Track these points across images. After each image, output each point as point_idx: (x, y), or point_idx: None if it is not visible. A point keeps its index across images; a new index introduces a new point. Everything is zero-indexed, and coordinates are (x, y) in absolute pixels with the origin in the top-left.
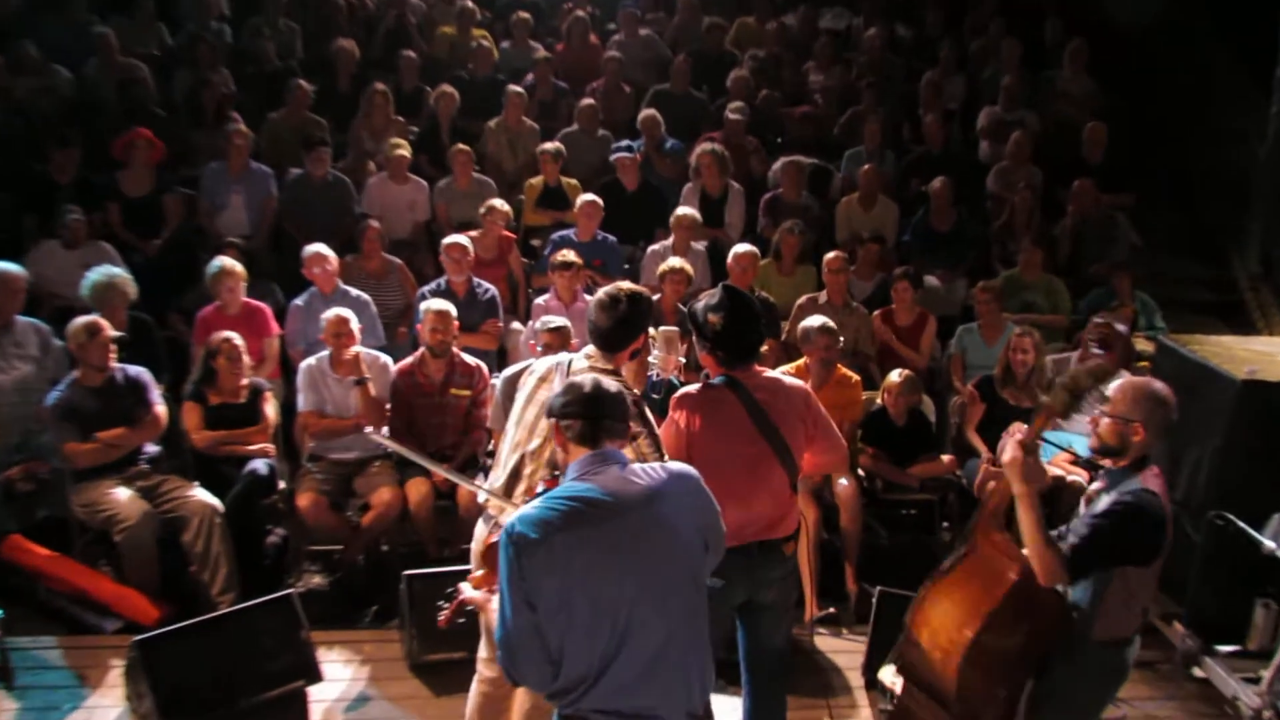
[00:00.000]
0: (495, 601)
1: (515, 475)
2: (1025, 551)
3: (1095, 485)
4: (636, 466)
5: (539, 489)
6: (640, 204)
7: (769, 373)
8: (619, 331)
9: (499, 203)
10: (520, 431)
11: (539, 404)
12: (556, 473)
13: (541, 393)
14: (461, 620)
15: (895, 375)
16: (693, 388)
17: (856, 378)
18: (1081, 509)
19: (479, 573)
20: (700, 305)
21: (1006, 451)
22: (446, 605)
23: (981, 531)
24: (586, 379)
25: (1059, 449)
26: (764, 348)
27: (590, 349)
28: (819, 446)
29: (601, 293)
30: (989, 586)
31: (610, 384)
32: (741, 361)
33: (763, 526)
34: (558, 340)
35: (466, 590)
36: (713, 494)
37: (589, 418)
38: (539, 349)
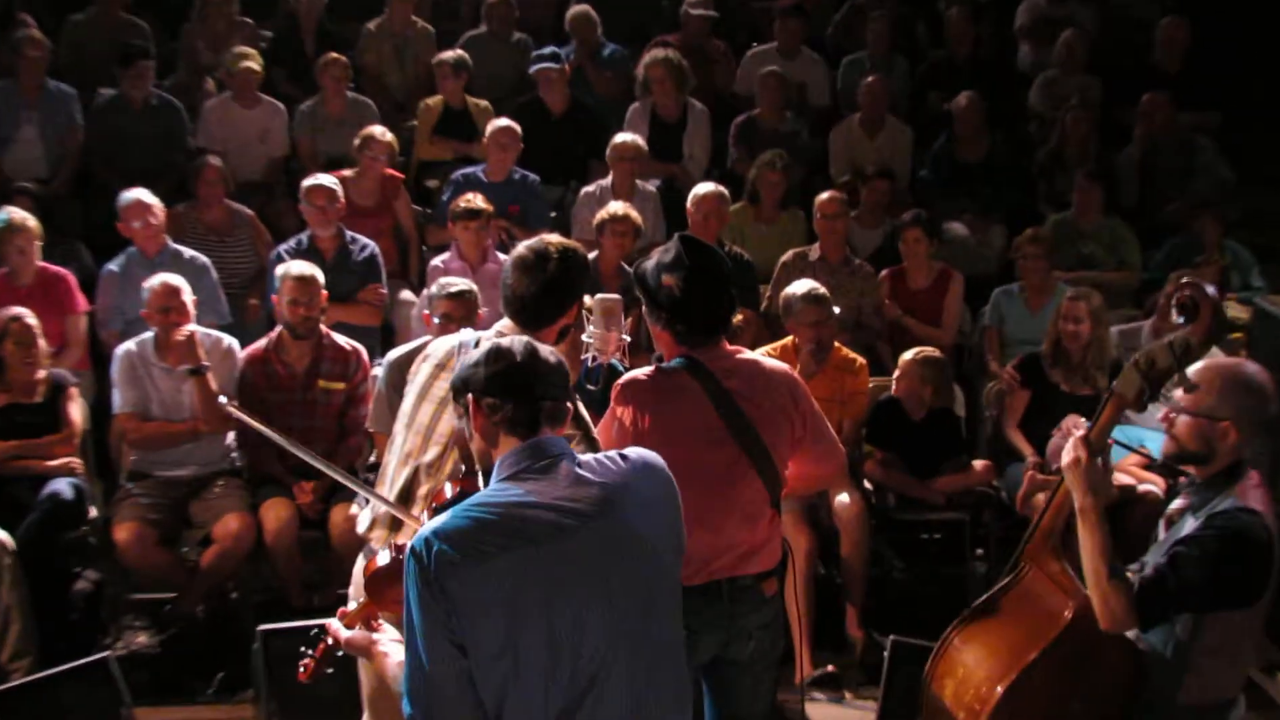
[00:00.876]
0: (384, 643)
1: (406, 497)
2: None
3: (1177, 503)
4: (588, 458)
5: (446, 493)
6: (570, 131)
7: (744, 353)
8: (544, 301)
9: (381, 131)
10: (412, 437)
11: (437, 400)
12: (464, 473)
13: (440, 385)
14: (330, 671)
15: (912, 355)
16: (641, 373)
17: (861, 361)
18: (1160, 533)
19: (355, 604)
20: (651, 264)
21: (1066, 453)
22: (310, 654)
23: (1030, 558)
24: (517, 343)
25: (1129, 450)
26: (737, 319)
27: (504, 324)
28: (810, 452)
29: (521, 249)
30: (1034, 629)
31: (547, 350)
32: (706, 338)
33: (735, 558)
34: (461, 312)
35: (337, 629)
36: None
37: (523, 397)
38: (436, 324)
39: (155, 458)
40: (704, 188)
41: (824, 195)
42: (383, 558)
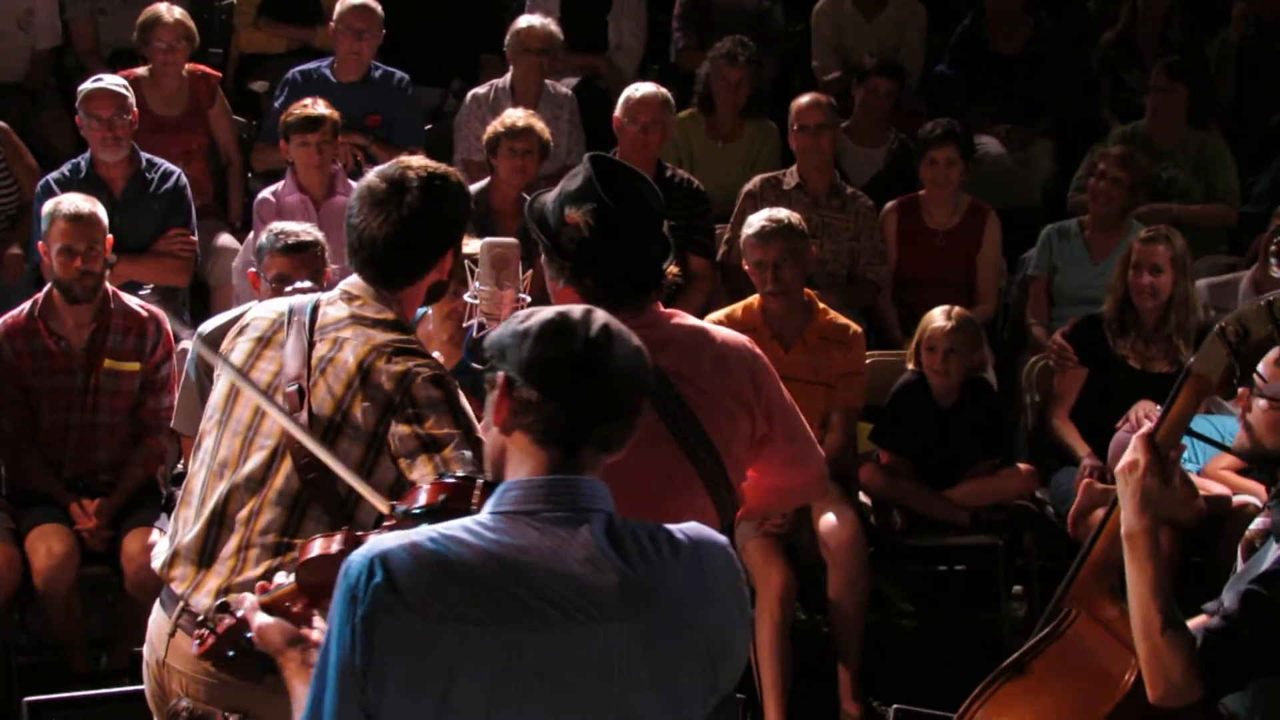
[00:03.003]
0: (303, 651)
1: (218, 524)
2: None
3: (1257, 524)
4: (629, 529)
5: (419, 498)
6: (451, 11)
7: (684, 319)
8: (401, 248)
9: (168, 9)
10: (228, 440)
11: (262, 386)
12: (451, 476)
13: (265, 366)
14: (231, 655)
15: (937, 313)
16: None
17: (855, 328)
18: (1239, 564)
19: (287, 581)
20: (551, 196)
21: (1129, 450)
22: (208, 627)
23: (1077, 599)
24: (596, 320)
25: (1219, 448)
26: (672, 271)
27: (353, 282)
28: (777, 455)
29: (370, 177)
30: (1084, 698)
31: (634, 344)
32: (626, 298)
33: None
34: (301, 266)
35: (252, 607)
36: None
37: (576, 405)
38: (267, 286)
39: None
40: (639, 89)
41: (803, 99)
42: (335, 543)
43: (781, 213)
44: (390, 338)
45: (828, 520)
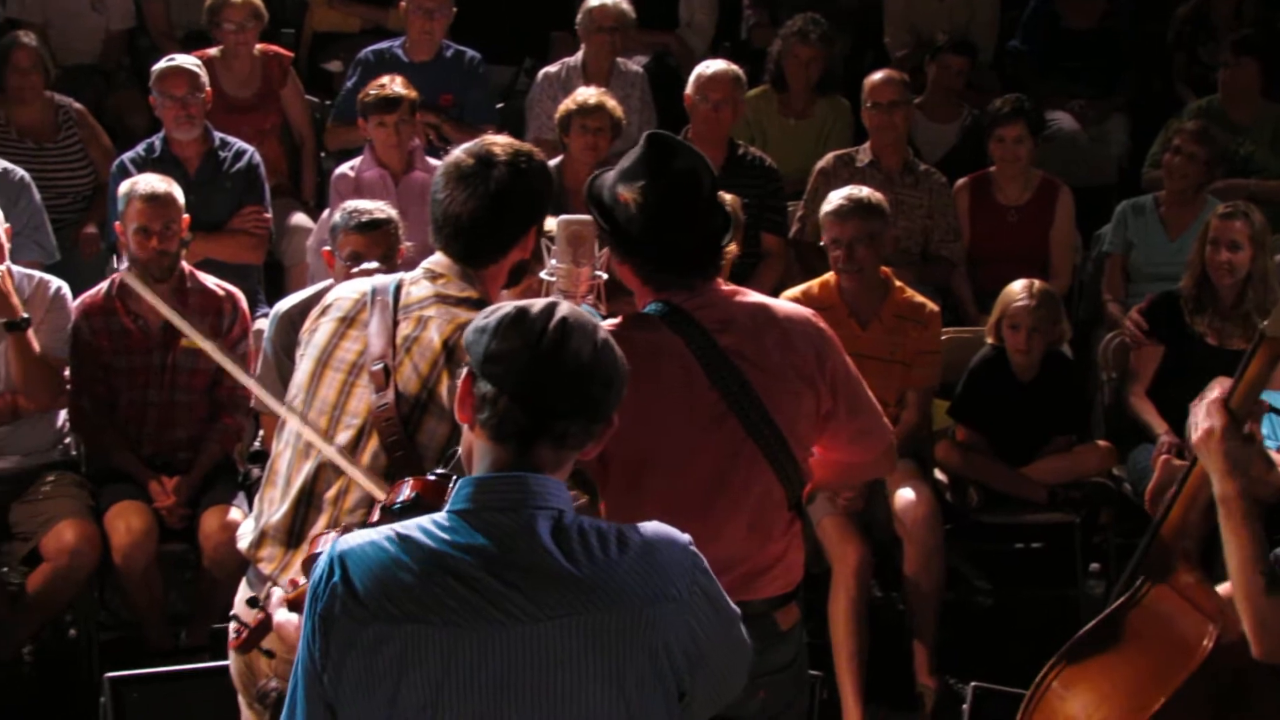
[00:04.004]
0: None
1: (306, 503)
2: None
3: None
4: (578, 527)
5: (402, 492)
6: None
7: (746, 295)
8: (489, 226)
9: None
10: (314, 417)
11: (344, 367)
12: (437, 472)
13: (348, 347)
14: (270, 654)
15: (1017, 288)
16: (607, 325)
17: (931, 306)
18: None
19: (302, 580)
20: (610, 176)
21: (1200, 422)
22: (244, 622)
23: (1153, 568)
24: (560, 312)
25: None
26: (731, 251)
27: (437, 260)
28: (842, 431)
29: (457, 155)
30: (1162, 665)
31: (604, 333)
32: (687, 276)
33: (739, 577)
34: (378, 249)
35: (279, 601)
36: (652, 517)
37: (526, 400)
38: (341, 264)
39: None
40: (710, 67)
41: (876, 76)
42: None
43: (863, 191)
44: (469, 316)
45: (903, 497)
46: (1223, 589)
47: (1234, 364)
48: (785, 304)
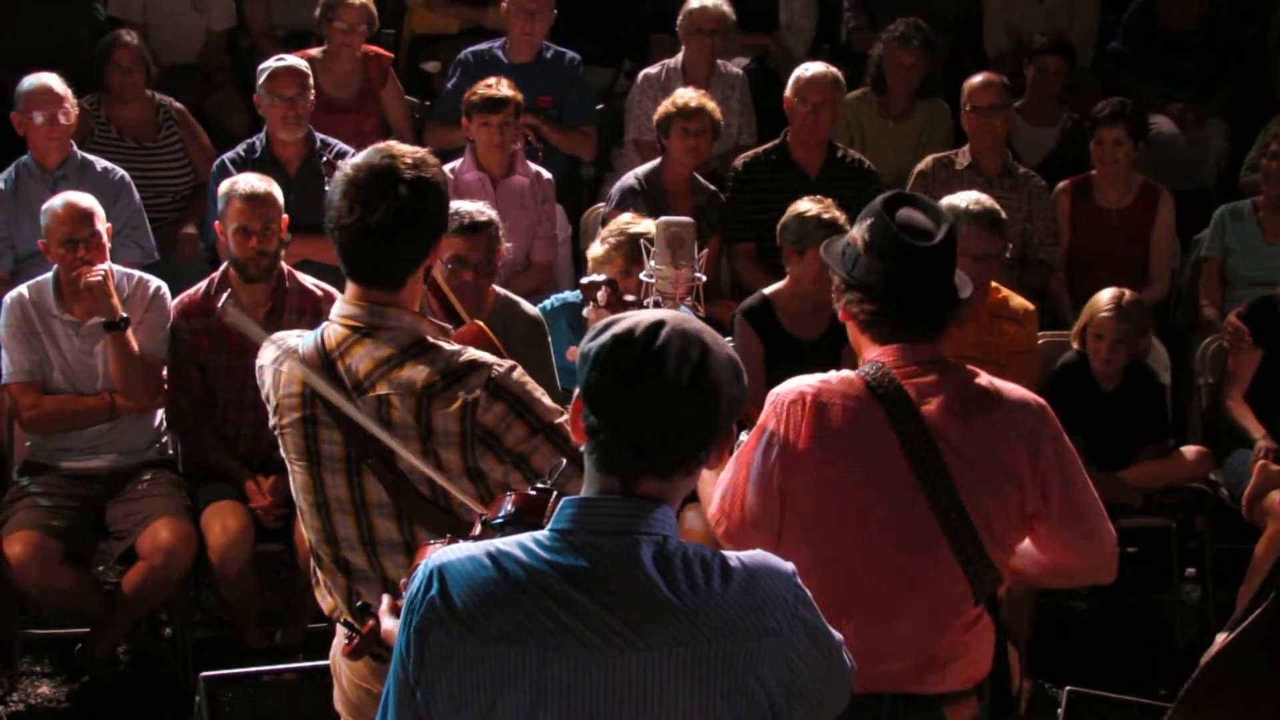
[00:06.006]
0: None
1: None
2: None
3: None
4: (680, 554)
5: (504, 507)
6: None
7: (974, 375)
8: (408, 240)
9: None
10: (340, 518)
11: (340, 462)
12: (538, 487)
13: (328, 435)
14: (379, 656)
15: (1105, 299)
16: (808, 384)
17: (1028, 306)
18: None
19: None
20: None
21: None
22: (357, 628)
23: None
24: (665, 327)
25: None
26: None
27: (351, 308)
28: (1052, 536)
29: (351, 167)
30: None
31: (706, 347)
32: (904, 328)
33: (911, 667)
34: (478, 247)
35: (387, 609)
36: (821, 583)
37: (633, 440)
38: (441, 264)
39: (58, 443)
40: (809, 69)
41: (976, 79)
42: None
43: (987, 200)
44: (425, 372)
45: None
46: None
47: None
48: (1012, 389)
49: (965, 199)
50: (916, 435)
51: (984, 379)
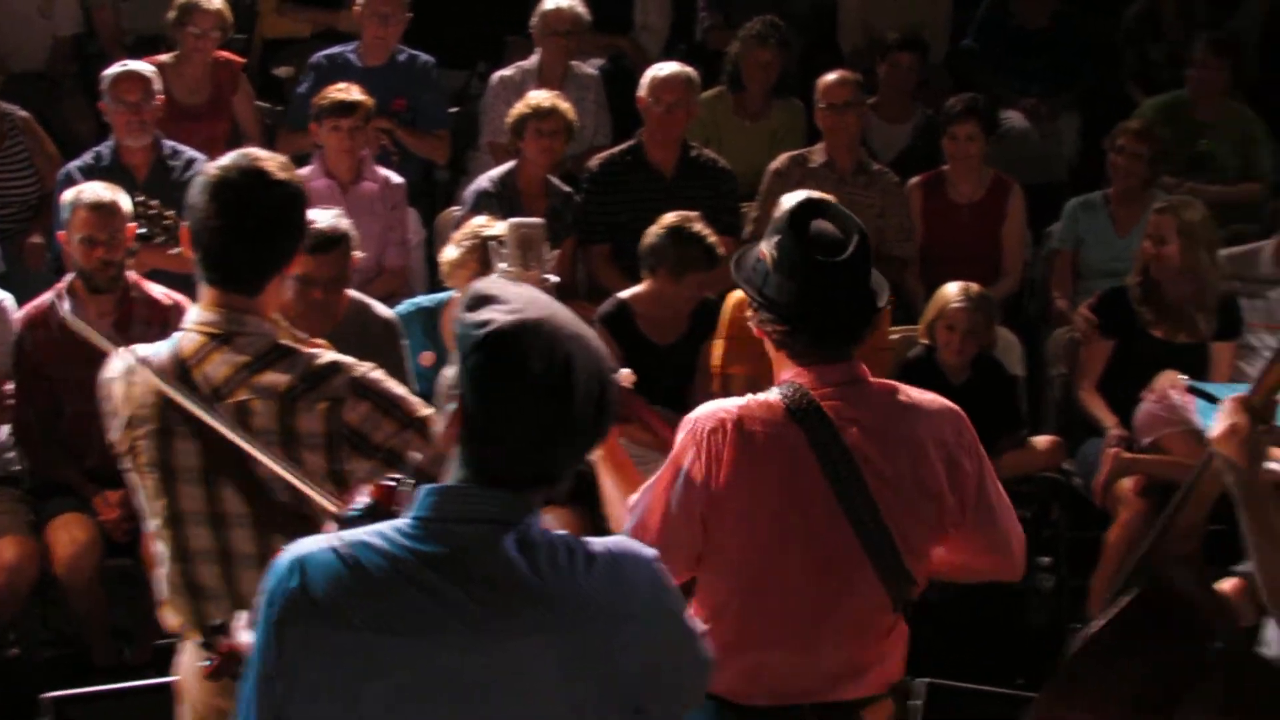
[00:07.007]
0: None
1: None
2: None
3: None
4: (546, 541)
5: (355, 503)
6: None
7: (887, 391)
8: (269, 246)
9: (222, 3)
10: (194, 530)
11: (197, 475)
12: (393, 477)
13: (183, 446)
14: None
15: (954, 291)
16: (725, 408)
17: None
18: None
19: None
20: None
21: (1222, 417)
22: (211, 653)
23: (1158, 568)
24: (531, 314)
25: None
26: (720, 249)
27: (209, 314)
28: (967, 543)
29: (216, 169)
30: (1170, 668)
31: (568, 349)
32: (816, 345)
33: (830, 679)
34: (328, 266)
35: (240, 627)
36: (743, 604)
37: (489, 428)
38: (293, 281)
39: None
40: (662, 69)
41: (830, 77)
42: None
43: (812, 196)
44: (287, 376)
45: None
46: (1227, 586)
47: (1181, 358)
48: (928, 401)
49: (793, 200)
50: (837, 457)
51: (901, 394)
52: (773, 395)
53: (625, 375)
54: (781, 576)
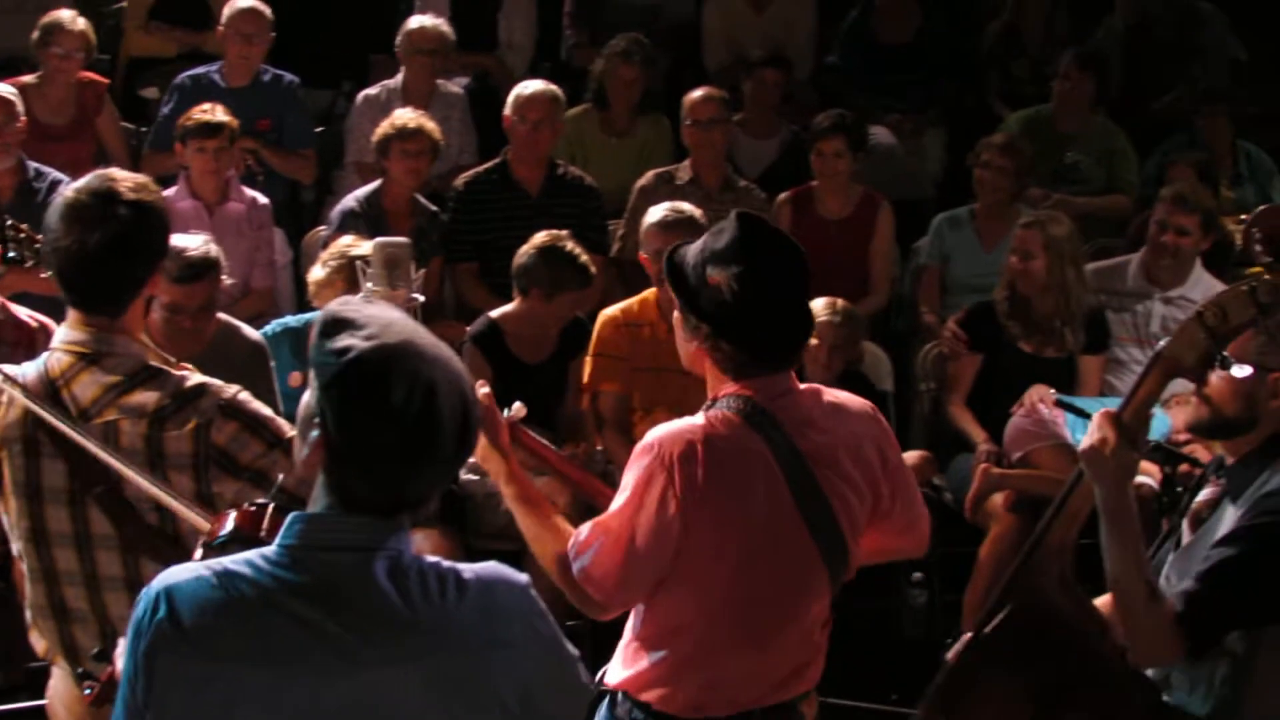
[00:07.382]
0: None
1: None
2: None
3: (1205, 494)
4: (416, 566)
5: (225, 526)
6: (342, 13)
7: (821, 395)
8: (126, 266)
9: (71, 17)
10: (60, 552)
11: (64, 495)
12: (258, 502)
13: (52, 466)
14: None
15: (820, 306)
16: (692, 432)
17: None
18: (1184, 535)
19: None
20: (693, 252)
21: (1093, 431)
22: (94, 676)
23: (1028, 583)
24: (391, 336)
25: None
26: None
27: (74, 334)
28: (891, 525)
29: (72, 192)
30: (1044, 679)
31: (428, 379)
32: (765, 368)
33: (778, 682)
34: (196, 296)
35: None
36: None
37: (351, 456)
38: (161, 310)
39: None
40: (529, 87)
41: (695, 94)
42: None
43: (685, 206)
44: (155, 396)
45: None
46: (1101, 602)
47: (1049, 372)
48: (849, 399)
49: (659, 211)
50: (795, 464)
51: (826, 396)
52: (726, 409)
53: (517, 409)
54: (748, 588)
